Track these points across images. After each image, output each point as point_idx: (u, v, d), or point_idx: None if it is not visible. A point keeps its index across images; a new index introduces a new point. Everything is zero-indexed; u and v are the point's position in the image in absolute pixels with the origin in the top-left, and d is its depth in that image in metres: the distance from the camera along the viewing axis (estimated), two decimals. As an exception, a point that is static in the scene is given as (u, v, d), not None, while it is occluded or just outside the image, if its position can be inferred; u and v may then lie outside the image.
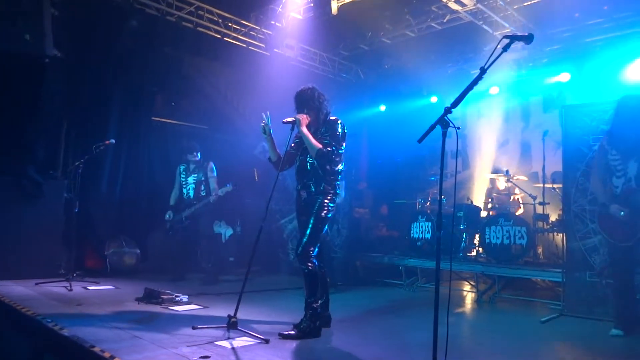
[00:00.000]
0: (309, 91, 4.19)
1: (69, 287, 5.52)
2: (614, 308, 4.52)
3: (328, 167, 4.11)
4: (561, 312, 5.25)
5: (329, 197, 4.12)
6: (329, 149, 4.04)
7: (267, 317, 4.60)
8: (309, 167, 4.16)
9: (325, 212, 4.08)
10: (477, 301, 6.21)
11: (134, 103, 7.71)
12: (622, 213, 4.16)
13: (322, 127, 4.16)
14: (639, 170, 4.15)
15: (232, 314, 3.76)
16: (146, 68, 7.64)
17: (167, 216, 6.99)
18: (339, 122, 4.18)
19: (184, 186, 7.06)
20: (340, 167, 4.20)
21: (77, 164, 6.11)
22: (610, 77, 7.33)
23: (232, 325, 3.71)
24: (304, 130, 4.05)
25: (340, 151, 4.15)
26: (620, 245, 4.28)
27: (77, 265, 6.40)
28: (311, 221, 4.05)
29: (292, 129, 4.12)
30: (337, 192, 4.20)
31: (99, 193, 7.26)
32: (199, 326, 3.64)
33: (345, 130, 4.19)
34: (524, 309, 5.83)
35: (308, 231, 4.05)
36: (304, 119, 4.09)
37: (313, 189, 4.13)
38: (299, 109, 4.19)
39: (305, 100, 4.17)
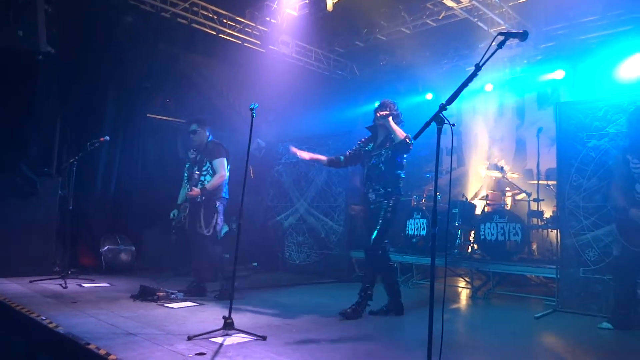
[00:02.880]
0: (389, 101, 4.89)
1: (63, 285, 5.51)
2: (612, 305, 4.61)
3: (387, 175, 4.75)
4: (555, 308, 5.29)
5: (392, 199, 4.74)
6: (409, 141, 4.61)
7: (263, 314, 4.61)
8: (377, 172, 4.79)
9: (389, 215, 4.75)
10: (472, 297, 6.24)
11: (128, 100, 7.68)
12: None
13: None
14: None
15: (227, 315, 3.75)
16: (141, 65, 7.62)
17: (172, 215, 6.94)
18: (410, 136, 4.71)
19: (184, 184, 7.06)
20: (402, 174, 4.86)
21: (71, 161, 6.09)
22: (605, 74, 7.36)
23: (228, 326, 3.71)
24: (392, 122, 4.68)
25: (399, 160, 4.82)
26: (635, 249, 4.33)
27: (71, 263, 6.38)
28: (380, 222, 4.74)
29: (373, 129, 4.94)
30: (401, 193, 4.87)
31: (93, 190, 7.24)
32: (194, 336, 3.53)
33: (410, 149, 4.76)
34: (518, 305, 5.86)
35: (375, 233, 4.73)
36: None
37: (381, 191, 4.75)
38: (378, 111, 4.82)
39: (386, 106, 4.82)
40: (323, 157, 5.11)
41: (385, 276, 4.88)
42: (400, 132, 4.63)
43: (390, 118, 4.69)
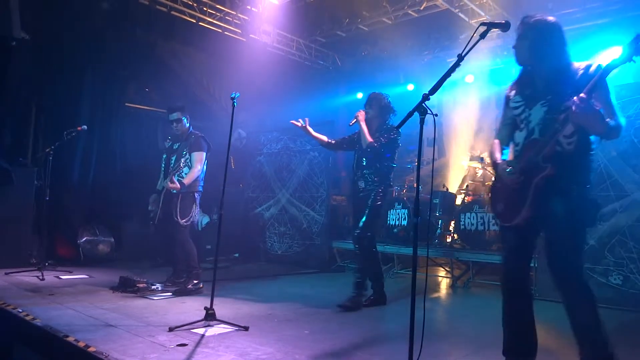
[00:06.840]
0: (380, 95, 4.96)
1: (40, 277, 5.41)
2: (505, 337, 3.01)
3: (378, 164, 4.81)
4: (533, 296, 5.38)
5: (381, 188, 4.81)
6: (376, 145, 4.73)
7: (245, 304, 4.60)
8: (364, 162, 4.88)
9: (379, 202, 4.80)
10: (452, 286, 6.33)
11: (106, 88, 7.54)
12: (509, 169, 2.73)
13: (382, 129, 4.83)
14: (544, 117, 2.66)
15: (208, 306, 3.73)
16: (119, 52, 7.47)
17: (151, 206, 6.76)
18: (394, 130, 4.77)
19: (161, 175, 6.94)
20: (392, 164, 4.93)
21: (47, 150, 5.96)
22: (582, 66, 7.45)
23: (209, 316, 3.69)
24: (362, 125, 4.82)
25: (388, 155, 4.85)
26: (506, 226, 2.89)
27: (48, 255, 6.27)
28: (367, 211, 4.78)
29: (352, 124, 4.93)
30: (390, 184, 4.97)
31: (70, 180, 7.10)
32: (175, 327, 3.50)
33: (399, 141, 4.89)
34: (497, 293, 5.91)
35: (365, 218, 4.76)
36: (362, 114, 4.85)
37: (369, 180, 4.85)
38: (365, 106, 4.93)
39: (373, 100, 4.92)
40: (324, 138, 5.23)
41: (372, 264, 4.90)
42: (366, 138, 4.75)
43: (363, 123, 4.80)
